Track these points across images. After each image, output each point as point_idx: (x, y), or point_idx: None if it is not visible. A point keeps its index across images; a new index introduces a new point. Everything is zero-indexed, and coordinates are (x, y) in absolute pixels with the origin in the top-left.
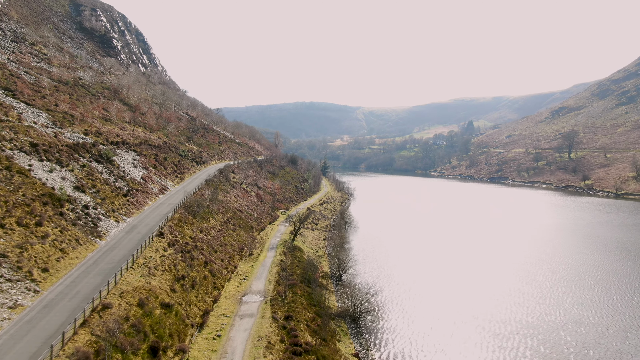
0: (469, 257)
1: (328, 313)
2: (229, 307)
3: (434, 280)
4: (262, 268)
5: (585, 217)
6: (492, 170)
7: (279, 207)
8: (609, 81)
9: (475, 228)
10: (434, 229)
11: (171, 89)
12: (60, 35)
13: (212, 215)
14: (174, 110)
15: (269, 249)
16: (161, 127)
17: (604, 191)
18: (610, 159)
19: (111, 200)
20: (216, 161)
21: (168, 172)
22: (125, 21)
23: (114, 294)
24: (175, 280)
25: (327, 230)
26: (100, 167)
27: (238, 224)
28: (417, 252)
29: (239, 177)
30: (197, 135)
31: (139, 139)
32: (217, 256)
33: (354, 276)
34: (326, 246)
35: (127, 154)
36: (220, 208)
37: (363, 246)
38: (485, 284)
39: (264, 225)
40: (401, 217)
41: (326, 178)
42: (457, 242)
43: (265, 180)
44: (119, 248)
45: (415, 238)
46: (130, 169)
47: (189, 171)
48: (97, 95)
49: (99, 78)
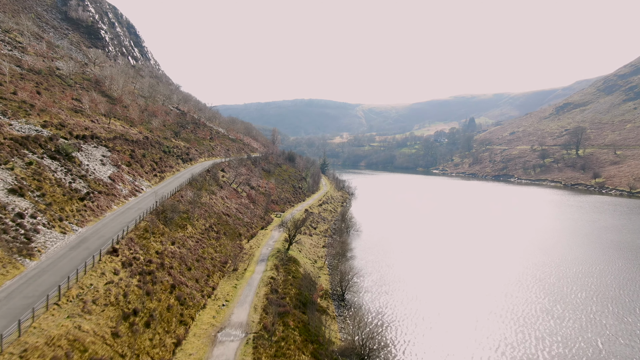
0: (483, 268)
1: (329, 352)
2: (198, 351)
3: (452, 299)
4: (248, 288)
5: (605, 220)
6: (497, 168)
7: (273, 209)
8: (616, 76)
9: (487, 232)
10: (441, 232)
11: (163, 83)
12: (43, 25)
13: (191, 221)
14: (162, 104)
15: (259, 261)
16: (144, 121)
17: (617, 189)
18: (620, 156)
19: (61, 205)
20: (205, 158)
21: (145, 171)
22: (116, 13)
23: (10, 354)
24: (123, 319)
25: (327, 234)
26: (55, 165)
27: (223, 231)
28: (427, 261)
29: (229, 176)
30: (185, 131)
31: (114, 133)
32: (191, 275)
33: (359, 294)
34: (326, 255)
35: (95, 150)
36: (203, 212)
37: (367, 255)
38: (510, 306)
39: (255, 231)
40: (405, 219)
41: (325, 176)
42: (469, 250)
43: (259, 179)
44: (52, 272)
45: (423, 244)
46: (96, 167)
47: (171, 169)
48: (73, 86)
49: (81, 69)
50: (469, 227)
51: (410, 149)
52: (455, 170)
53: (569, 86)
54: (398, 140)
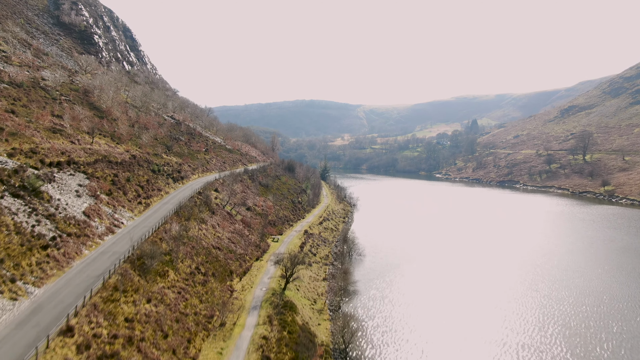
0: (494, 312)
1: None
2: None
3: (470, 347)
4: (236, 354)
5: (622, 238)
6: (502, 174)
7: (270, 233)
8: (621, 78)
9: (494, 260)
10: (447, 256)
11: (159, 88)
12: (33, 31)
13: (175, 264)
14: (155, 114)
15: (251, 309)
16: (134, 136)
17: (627, 198)
18: (629, 162)
19: (16, 260)
20: (199, 174)
21: (128, 199)
22: (112, 16)
23: None
24: None
25: (328, 261)
26: (17, 205)
27: (212, 271)
28: (434, 293)
29: (223, 196)
30: (179, 144)
31: (96, 154)
32: (168, 345)
33: (366, 350)
34: (327, 292)
35: (71, 179)
36: (189, 250)
37: (370, 289)
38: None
39: (249, 265)
40: (409, 237)
41: (326, 184)
42: (480, 282)
43: (256, 196)
44: None
45: (429, 269)
46: (69, 201)
47: (159, 193)
48: (58, 99)
49: (70, 78)
50: (477, 253)
51: (412, 151)
52: (458, 175)
53: (572, 87)
54: (400, 142)
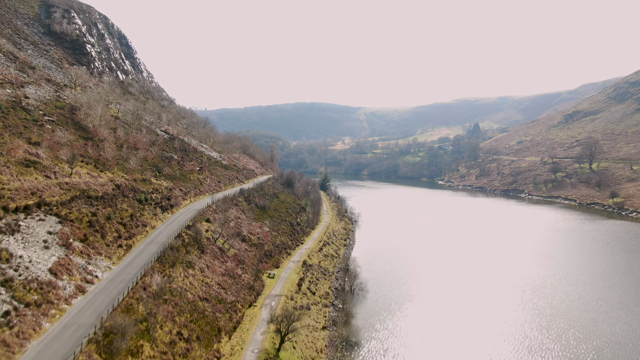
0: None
1: None
2: None
3: None
4: None
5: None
6: (506, 182)
7: (265, 269)
8: (627, 83)
9: (500, 300)
10: (456, 289)
11: (154, 98)
12: (21, 42)
13: (152, 334)
14: (147, 130)
15: None
16: (121, 160)
17: (637, 212)
18: (637, 171)
19: None
20: (191, 199)
21: (107, 242)
22: (107, 23)
23: None
24: None
25: (328, 301)
26: None
27: (197, 334)
28: (447, 342)
29: (215, 228)
30: (170, 164)
31: (74, 190)
32: None
33: None
34: (327, 346)
35: (40, 226)
36: (171, 310)
37: (373, 339)
38: None
39: (240, 316)
40: (413, 262)
41: (327, 196)
42: (489, 323)
43: (252, 221)
44: None
45: (436, 311)
46: (34, 257)
47: (144, 230)
48: (39, 121)
49: (56, 94)
50: (484, 286)
51: (414, 156)
52: (461, 183)
53: (575, 90)
54: (401, 146)
